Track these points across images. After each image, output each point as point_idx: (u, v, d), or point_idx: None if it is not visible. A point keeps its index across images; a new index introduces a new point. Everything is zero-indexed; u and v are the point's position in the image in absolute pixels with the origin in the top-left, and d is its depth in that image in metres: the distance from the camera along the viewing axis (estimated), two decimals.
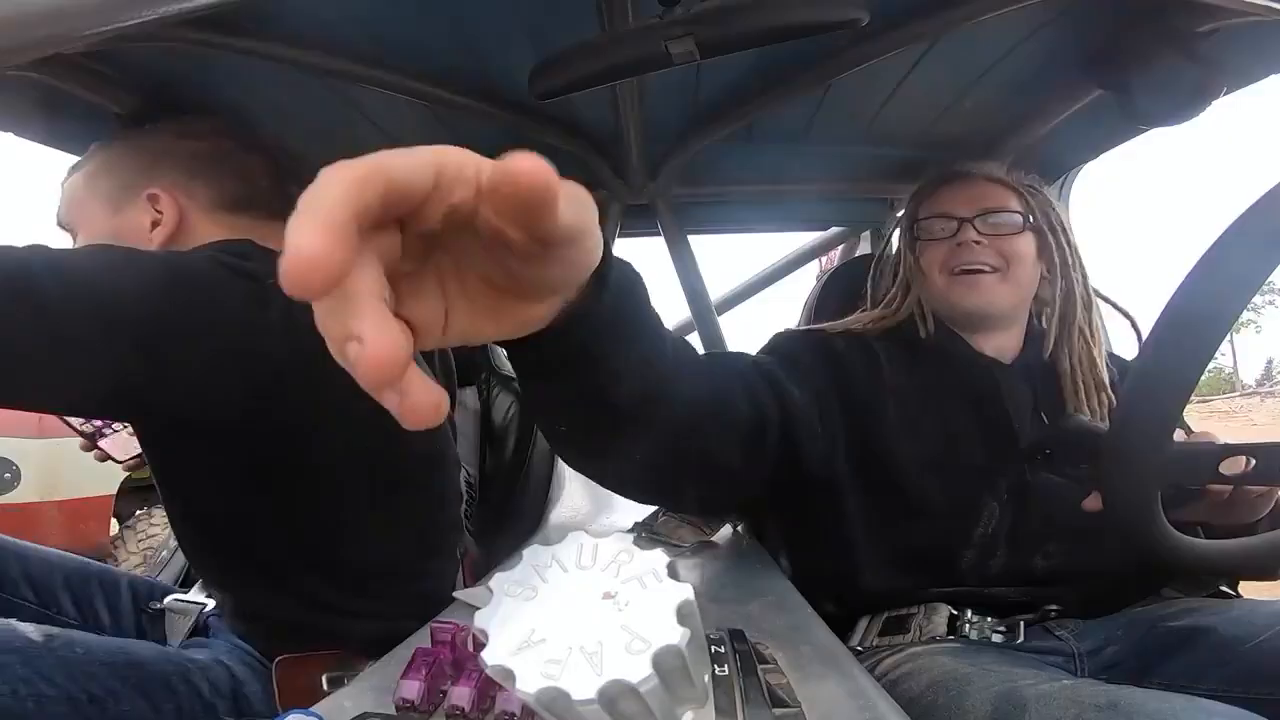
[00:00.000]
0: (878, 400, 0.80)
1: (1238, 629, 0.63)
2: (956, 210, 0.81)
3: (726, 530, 0.97)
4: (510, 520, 1.10)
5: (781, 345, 0.82)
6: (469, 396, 1.23)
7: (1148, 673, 0.65)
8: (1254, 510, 0.63)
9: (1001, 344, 0.83)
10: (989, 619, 0.73)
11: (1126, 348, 0.98)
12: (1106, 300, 0.93)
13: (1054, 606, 0.73)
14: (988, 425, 0.78)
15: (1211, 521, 0.65)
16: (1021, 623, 0.73)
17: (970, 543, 0.75)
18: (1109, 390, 0.80)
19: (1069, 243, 0.83)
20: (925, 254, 0.84)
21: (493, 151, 0.23)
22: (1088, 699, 0.49)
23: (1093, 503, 0.64)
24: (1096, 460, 0.57)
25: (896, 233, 0.90)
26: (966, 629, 0.73)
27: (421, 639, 0.56)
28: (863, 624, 0.78)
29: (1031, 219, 0.81)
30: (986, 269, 0.79)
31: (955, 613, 0.74)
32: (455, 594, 0.72)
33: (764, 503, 0.85)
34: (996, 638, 0.72)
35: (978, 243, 0.79)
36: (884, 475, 0.78)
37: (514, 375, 1.29)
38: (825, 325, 0.89)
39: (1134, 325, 0.91)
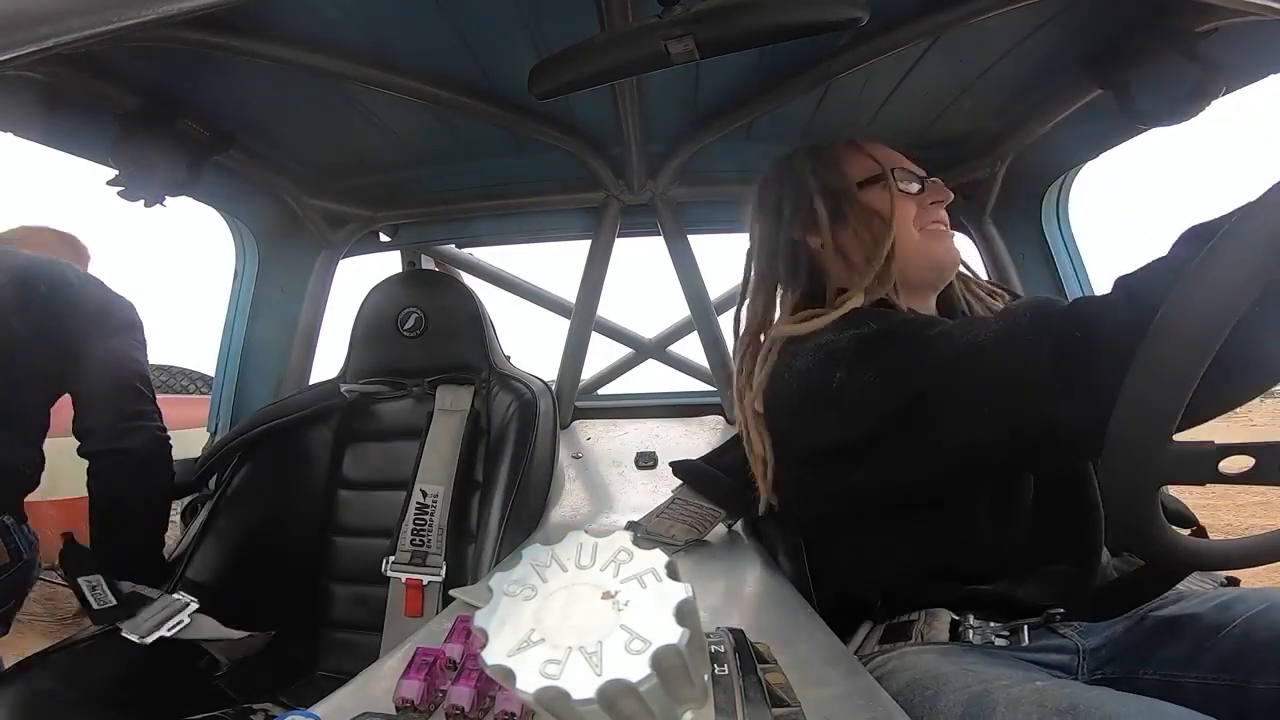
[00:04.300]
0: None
1: (1219, 616, 0.63)
2: (914, 167, 0.81)
3: (721, 529, 0.97)
4: (510, 520, 1.10)
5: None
6: (459, 396, 1.24)
7: (1142, 664, 0.65)
8: None
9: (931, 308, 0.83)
10: (991, 624, 0.71)
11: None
12: None
13: (1058, 610, 0.72)
14: None
15: None
16: (1025, 626, 0.71)
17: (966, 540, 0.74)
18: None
19: None
20: (898, 210, 0.77)
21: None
22: (1051, 703, 0.49)
23: None
24: None
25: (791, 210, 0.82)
26: (970, 634, 0.70)
27: (422, 640, 0.56)
28: (863, 631, 0.76)
29: None
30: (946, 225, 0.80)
31: (956, 618, 0.72)
32: (453, 592, 0.72)
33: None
34: (1000, 641, 0.70)
35: (941, 200, 0.79)
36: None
37: (513, 375, 1.29)
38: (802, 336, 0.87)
39: None
